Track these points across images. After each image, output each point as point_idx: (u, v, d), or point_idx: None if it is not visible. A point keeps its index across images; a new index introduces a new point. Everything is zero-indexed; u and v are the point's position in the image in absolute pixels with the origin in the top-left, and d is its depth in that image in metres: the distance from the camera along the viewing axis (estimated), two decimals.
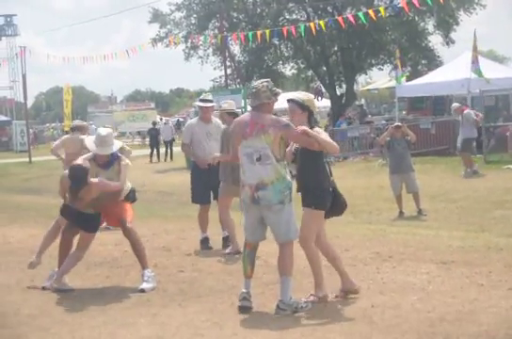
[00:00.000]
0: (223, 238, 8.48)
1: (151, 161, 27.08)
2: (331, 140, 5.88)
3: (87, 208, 6.65)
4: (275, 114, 6.18)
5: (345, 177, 16.85)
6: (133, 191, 7.08)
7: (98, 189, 6.57)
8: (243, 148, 5.75)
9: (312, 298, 5.89)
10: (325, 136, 5.83)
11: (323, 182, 5.85)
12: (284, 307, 5.61)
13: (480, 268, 6.85)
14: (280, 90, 5.94)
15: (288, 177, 5.71)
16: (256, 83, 5.89)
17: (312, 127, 5.81)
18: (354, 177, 16.86)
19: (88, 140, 7.02)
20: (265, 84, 5.78)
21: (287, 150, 5.97)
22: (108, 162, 6.79)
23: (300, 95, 6.01)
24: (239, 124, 5.85)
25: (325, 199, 5.85)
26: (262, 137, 5.64)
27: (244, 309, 5.70)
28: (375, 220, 10.56)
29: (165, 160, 27.32)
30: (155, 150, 27.97)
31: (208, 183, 8.46)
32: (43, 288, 6.69)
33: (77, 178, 6.49)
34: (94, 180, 6.55)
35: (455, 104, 17.29)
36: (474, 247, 7.95)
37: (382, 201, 12.32)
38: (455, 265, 7.08)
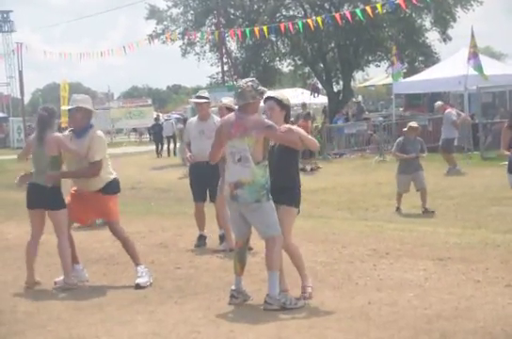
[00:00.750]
0: (219, 236, 8.48)
1: (158, 156, 27.30)
2: (311, 137, 6.01)
3: (49, 180, 6.63)
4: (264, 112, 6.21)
5: (342, 174, 16.90)
6: (115, 182, 6.89)
7: (56, 144, 6.60)
8: (229, 147, 5.85)
9: (308, 289, 5.94)
10: (303, 133, 5.93)
11: (298, 180, 5.99)
12: (271, 302, 5.64)
13: (477, 265, 6.86)
14: (265, 89, 5.96)
15: (266, 178, 5.74)
16: (241, 82, 5.90)
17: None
18: (351, 174, 16.86)
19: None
20: (250, 83, 5.81)
21: None
22: (81, 131, 6.76)
23: (279, 94, 6.13)
24: (225, 124, 5.92)
25: (299, 196, 5.98)
26: (245, 139, 5.71)
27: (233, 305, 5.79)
28: (371, 217, 10.56)
29: (168, 155, 27.43)
30: (160, 145, 28.21)
31: (204, 181, 8.47)
32: (55, 283, 6.69)
33: (43, 117, 6.68)
34: (57, 134, 6.72)
35: (438, 103, 17.24)
36: (471, 243, 7.95)
37: (379, 198, 12.32)
38: (451, 261, 7.09)
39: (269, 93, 6.09)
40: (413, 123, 11.80)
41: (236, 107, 6.20)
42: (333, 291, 6.09)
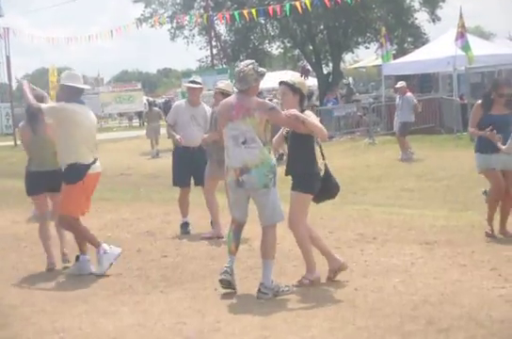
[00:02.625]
0: (211, 222, 8.40)
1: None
2: (321, 125, 5.84)
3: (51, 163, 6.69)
4: (260, 93, 6.17)
5: (332, 157, 16.61)
6: (76, 168, 6.38)
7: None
8: (229, 130, 5.72)
9: (304, 281, 5.89)
10: (314, 119, 5.81)
11: (311, 166, 5.85)
12: (266, 291, 5.60)
13: (463, 248, 6.87)
14: (265, 70, 5.88)
15: (273, 161, 5.70)
16: (241, 66, 5.77)
17: (302, 110, 5.80)
18: (340, 157, 16.76)
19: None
20: (251, 66, 5.72)
21: (278, 134, 6.04)
22: None
23: (293, 78, 6.00)
24: (225, 106, 5.82)
25: (313, 183, 5.85)
26: (247, 120, 5.61)
27: (223, 282, 5.72)
28: (360, 201, 10.54)
29: None
30: None
31: (189, 166, 8.43)
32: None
33: (31, 113, 6.73)
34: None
35: (400, 83, 16.46)
36: (458, 226, 7.95)
37: (368, 181, 12.31)
38: (438, 245, 7.09)
39: (281, 77, 6.00)
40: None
41: (234, 92, 6.11)
42: (320, 278, 6.06)
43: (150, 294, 5.89)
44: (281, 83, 5.86)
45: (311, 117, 5.76)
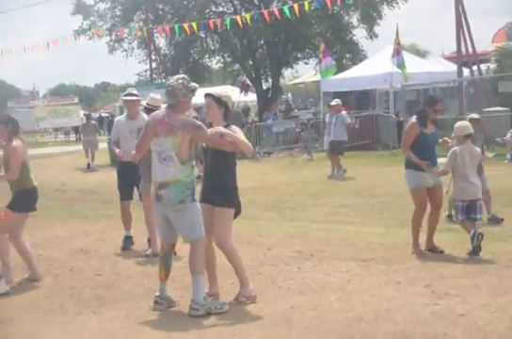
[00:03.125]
0: (148, 240, 8.33)
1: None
2: (246, 140, 5.84)
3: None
4: (199, 108, 6.14)
5: (270, 173, 16.88)
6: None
7: None
8: (154, 145, 5.72)
9: (241, 298, 5.84)
10: (240, 134, 5.78)
11: (234, 180, 5.89)
12: (197, 307, 5.54)
13: (398, 265, 6.93)
14: (196, 85, 5.84)
15: (191, 178, 5.66)
16: (172, 80, 5.75)
17: (227, 125, 5.75)
18: (279, 173, 16.85)
19: None
20: (181, 81, 5.67)
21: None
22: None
23: (219, 91, 6.02)
24: (154, 121, 5.78)
25: (237, 197, 5.88)
26: (169, 139, 5.60)
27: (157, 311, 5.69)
28: (298, 217, 10.55)
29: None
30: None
31: (130, 180, 8.36)
32: None
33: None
34: None
35: (335, 101, 16.34)
36: (394, 243, 8.02)
37: (306, 198, 12.33)
38: (374, 262, 7.13)
39: (208, 90, 5.99)
40: (475, 115, 9.86)
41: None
42: (257, 295, 6.00)
43: (81, 314, 5.73)
44: (207, 95, 5.83)
45: (237, 132, 5.74)
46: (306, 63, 33.97)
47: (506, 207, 9.99)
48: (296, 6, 22.67)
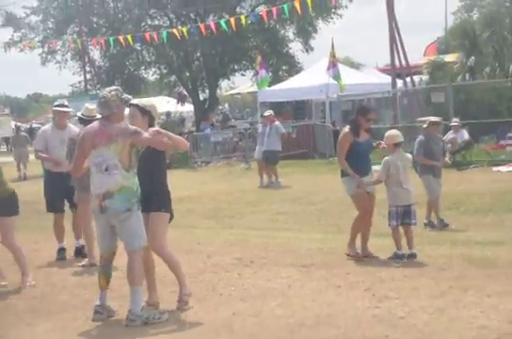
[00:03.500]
0: (76, 249, 8.18)
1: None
2: (178, 136, 5.90)
3: None
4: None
5: (208, 182, 16.81)
6: None
7: None
8: (93, 157, 5.63)
9: (184, 297, 5.82)
10: (171, 133, 5.82)
11: (166, 184, 5.88)
12: (134, 317, 5.44)
13: (338, 270, 6.94)
14: (130, 97, 5.82)
15: (136, 185, 5.59)
16: (105, 92, 5.70)
17: None
18: (217, 182, 16.80)
19: None
20: (114, 92, 5.64)
21: None
22: None
23: (143, 101, 6.08)
24: (89, 133, 5.70)
25: (170, 202, 5.86)
26: (110, 147, 5.52)
27: (97, 321, 5.56)
28: (237, 225, 10.51)
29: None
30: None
31: (60, 191, 8.18)
32: None
33: None
34: None
35: (268, 112, 16.45)
36: (333, 248, 8.04)
37: (244, 206, 12.32)
38: (314, 267, 7.13)
39: (132, 100, 5.94)
40: (435, 118, 10.08)
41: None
42: (197, 303, 5.93)
43: (14, 327, 5.53)
44: (131, 105, 5.82)
45: (168, 132, 5.78)
46: (243, 75, 34.30)
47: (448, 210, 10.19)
48: (232, 19, 22.83)
